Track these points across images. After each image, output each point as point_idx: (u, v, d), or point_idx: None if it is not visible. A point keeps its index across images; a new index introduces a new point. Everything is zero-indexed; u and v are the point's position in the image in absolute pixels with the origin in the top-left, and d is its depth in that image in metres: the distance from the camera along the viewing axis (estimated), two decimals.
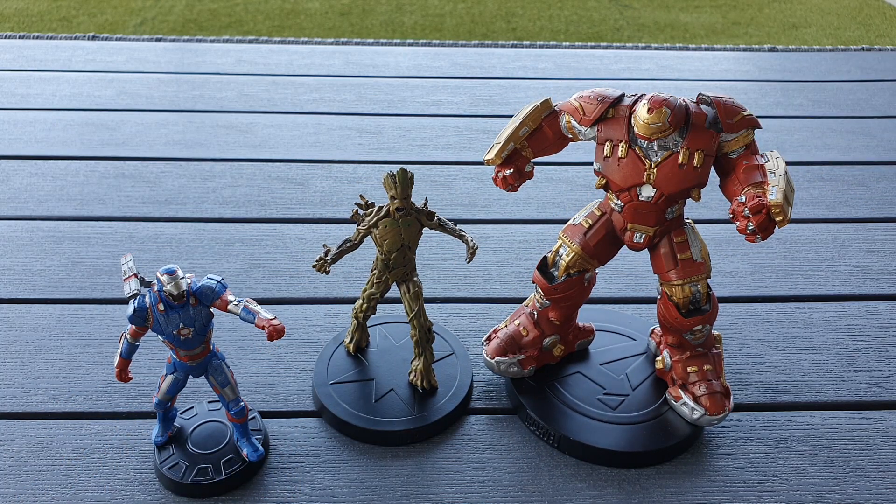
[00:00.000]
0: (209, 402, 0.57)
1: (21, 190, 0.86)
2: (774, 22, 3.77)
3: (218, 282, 0.48)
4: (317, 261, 0.56)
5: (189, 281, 0.47)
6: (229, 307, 0.47)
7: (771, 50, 1.34)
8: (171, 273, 0.46)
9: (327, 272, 0.57)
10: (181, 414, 0.56)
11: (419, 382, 0.58)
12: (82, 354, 0.63)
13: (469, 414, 0.59)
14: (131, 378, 0.51)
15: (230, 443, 0.54)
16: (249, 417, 0.54)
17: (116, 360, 0.50)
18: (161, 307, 0.47)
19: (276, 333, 0.47)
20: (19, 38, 1.30)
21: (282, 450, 0.55)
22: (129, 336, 0.49)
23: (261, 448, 0.53)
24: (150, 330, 0.48)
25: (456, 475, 0.54)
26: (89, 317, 0.67)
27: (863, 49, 1.34)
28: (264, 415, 0.58)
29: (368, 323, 0.63)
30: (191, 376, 0.51)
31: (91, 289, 0.71)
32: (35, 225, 0.80)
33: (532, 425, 0.57)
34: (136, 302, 0.47)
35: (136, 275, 0.48)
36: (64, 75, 1.15)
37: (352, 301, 0.69)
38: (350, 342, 0.62)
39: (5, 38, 1.29)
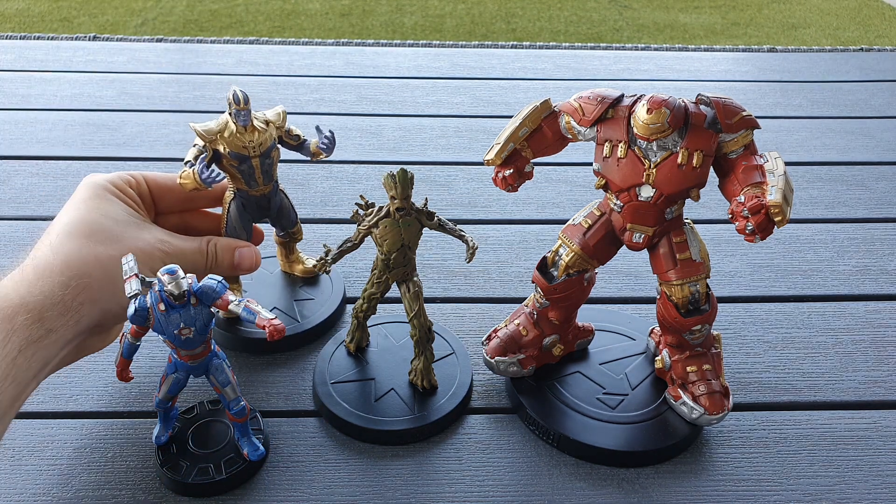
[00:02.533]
0: (210, 401, 0.57)
1: (22, 190, 0.86)
2: (773, 22, 3.77)
3: (219, 282, 0.48)
4: (317, 261, 0.56)
5: (190, 281, 0.47)
6: (230, 307, 0.47)
7: (770, 50, 1.35)
8: (171, 273, 0.46)
9: (328, 272, 0.57)
10: (182, 414, 0.56)
11: (419, 382, 0.59)
12: None
13: (469, 413, 0.59)
14: (132, 378, 0.51)
15: (231, 442, 0.54)
16: (250, 417, 0.54)
17: (117, 359, 0.50)
18: (162, 307, 0.46)
19: (276, 333, 0.47)
20: (20, 38, 1.30)
21: (282, 449, 0.55)
22: (129, 336, 0.49)
23: (262, 447, 0.53)
24: (150, 330, 0.48)
25: (456, 475, 0.54)
26: None
27: (862, 49, 1.34)
28: (264, 414, 0.58)
29: (368, 323, 0.63)
30: (191, 376, 0.51)
31: None
32: (36, 225, 0.80)
33: (532, 425, 0.57)
34: (137, 302, 0.47)
35: (136, 275, 0.48)
36: (65, 76, 1.15)
37: (352, 301, 0.70)
38: (350, 342, 0.62)
39: (6, 38, 1.30)
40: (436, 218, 0.56)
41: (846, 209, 0.87)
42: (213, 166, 0.58)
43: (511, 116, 0.55)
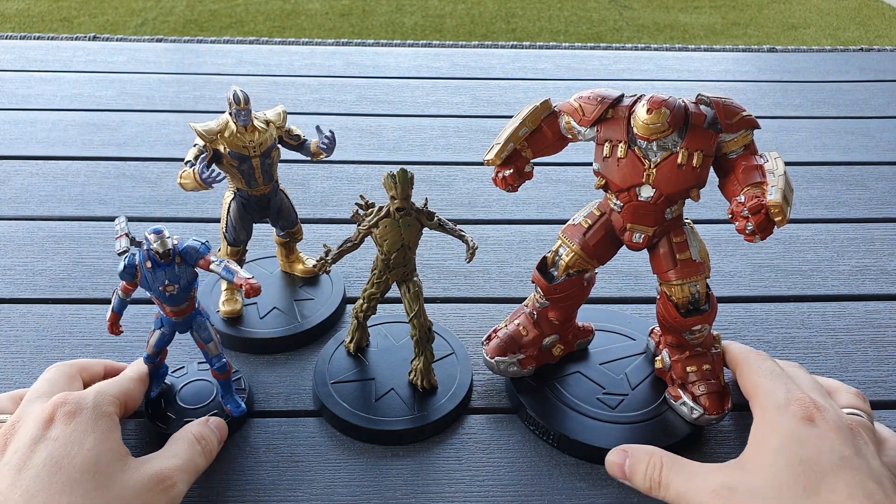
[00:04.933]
0: (199, 362, 0.60)
1: (22, 190, 0.86)
2: (773, 22, 3.78)
3: (202, 243, 0.51)
4: (317, 261, 0.56)
5: (175, 241, 0.51)
6: (211, 267, 0.51)
7: (770, 50, 1.35)
8: (157, 233, 0.49)
9: (328, 272, 0.57)
10: (172, 372, 0.59)
11: (419, 382, 0.59)
12: (83, 354, 0.63)
13: (469, 413, 0.59)
14: (122, 331, 0.54)
15: (216, 399, 0.57)
16: (234, 377, 0.58)
17: (108, 314, 0.53)
18: (149, 265, 0.50)
19: (252, 291, 0.49)
20: (20, 38, 1.30)
21: (282, 450, 0.55)
22: (120, 292, 0.52)
23: (243, 405, 0.56)
24: (139, 287, 0.52)
25: (456, 474, 0.54)
26: (90, 317, 0.67)
27: (862, 49, 1.34)
28: (264, 414, 0.58)
29: (369, 323, 0.63)
30: (177, 332, 0.54)
31: (92, 289, 0.71)
32: (36, 225, 0.80)
33: (532, 425, 0.57)
34: (127, 259, 0.50)
35: (127, 234, 0.51)
36: (65, 76, 1.15)
37: (352, 301, 0.70)
38: (350, 342, 0.62)
39: (6, 38, 1.30)
40: (436, 218, 0.56)
41: (846, 209, 0.87)
42: (214, 166, 0.58)
43: (511, 116, 0.55)
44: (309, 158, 0.64)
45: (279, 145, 0.62)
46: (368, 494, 0.52)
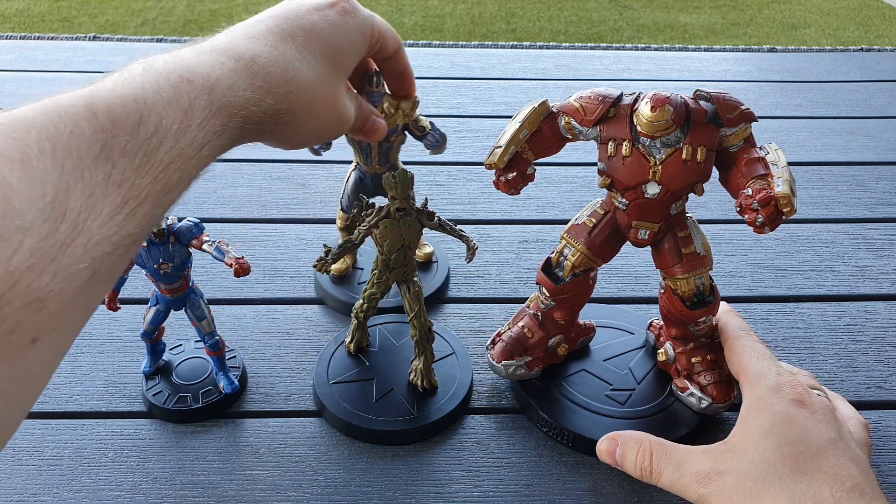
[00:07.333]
0: (196, 341, 0.62)
1: None
2: (774, 22, 3.78)
3: (195, 224, 0.53)
4: (317, 261, 0.56)
5: (169, 221, 0.52)
6: (204, 246, 0.53)
7: (770, 50, 1.35)
8: None
9: (328, 272, 0.57)
10: (170, 350, 0.61)
11: (419, 382, 0.59)
12: (83, 354, 0.63)
13: (469, 413, 0.59)
14: (119, 308, 0.55)
15: (210, 376, 0.59)
16: (229, 356, 0.60)
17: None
18: (144, 243, 0.52)
19: (241, 270, 0.51)
20: (20, 38, 1.30)
21: (282, 450, 0.55)
22: None
23: (236, 382, 0.58)
24: (135, 264, 0.53)
25: (456, 475, 0.54)
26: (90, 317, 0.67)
27: (862, 49, 1.34)
28: (264, 414, 0.58)
29: (369, 323, 0.63)
30: (172, 309, 0.57)
31: None
32: None
33: (544, 426, 0.57)
34: None
35: None
36: (65, 75, 1.15)
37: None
38: (350, 342, 0.62)
39: (6, 38, 1.29)
40: (436, 218, 0.56)
41: (846, 209, 0.87)
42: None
43: (511, 116, 0.55)
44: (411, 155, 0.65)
45: (405, 132, 0.64)
46: (368, 494, 0.52)
